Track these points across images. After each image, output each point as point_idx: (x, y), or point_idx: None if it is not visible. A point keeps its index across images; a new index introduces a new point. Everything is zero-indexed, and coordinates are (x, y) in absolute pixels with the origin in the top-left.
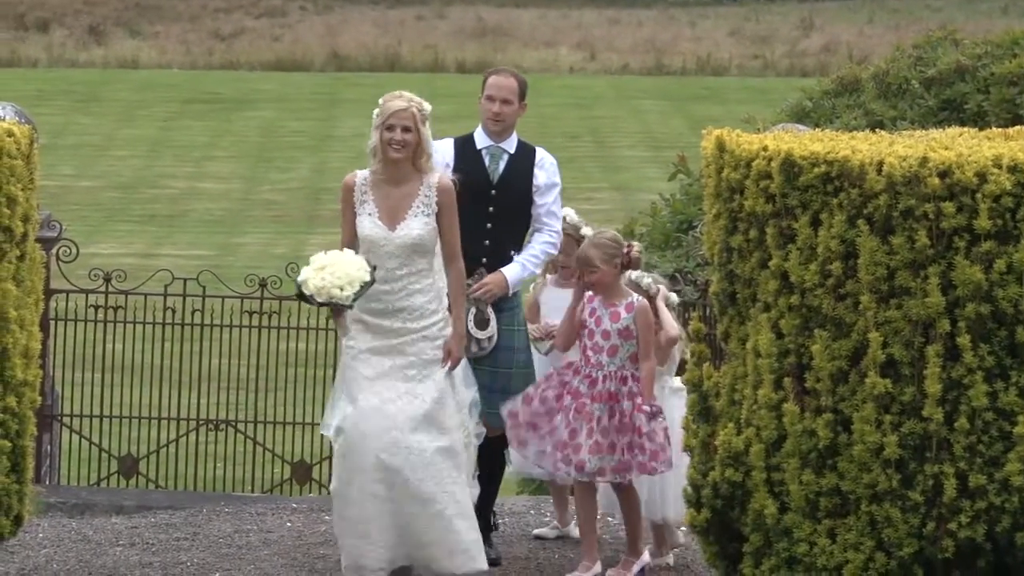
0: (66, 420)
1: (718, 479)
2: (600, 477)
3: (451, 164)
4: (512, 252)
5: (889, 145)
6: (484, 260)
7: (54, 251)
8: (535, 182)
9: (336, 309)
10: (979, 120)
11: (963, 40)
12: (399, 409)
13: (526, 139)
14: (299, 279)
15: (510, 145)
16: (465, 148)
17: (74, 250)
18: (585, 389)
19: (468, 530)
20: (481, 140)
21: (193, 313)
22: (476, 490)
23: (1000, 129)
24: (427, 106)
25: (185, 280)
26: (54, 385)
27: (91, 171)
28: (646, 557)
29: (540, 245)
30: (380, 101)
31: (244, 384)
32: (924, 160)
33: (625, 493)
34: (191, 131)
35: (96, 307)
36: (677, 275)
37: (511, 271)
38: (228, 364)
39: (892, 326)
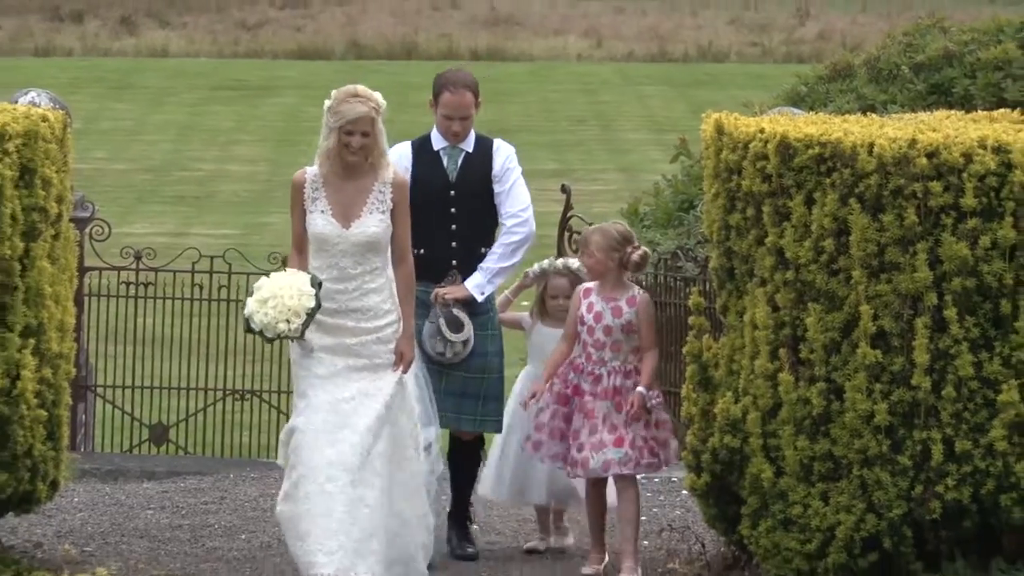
0: (100, 390)
1: (717, 445)
2: (604, 472)
3: (410, 168)
4: (483, 250)
5: (880, 128)
6: (454, 262)
7: (87, 230)
8: (492, 172)
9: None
10: (966, 103)
11: (951, 27)
12: (352, 409)
13: (484, 133)
14: (245, 313)
15: (468, 144)
16: (422, 150)
17: (107, 229)
18: (589, 387)
19: (414, 534)
20: (438, 142)
21: (220, 289)
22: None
23: (985, 112)
24: (383, 102)
25: (212, 258)
26: (88, 357)
27: (123, 155)
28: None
29: (500, 240)
30: (333, 99)
31: (268, 356)
32: (913, 142)
33: (627, 489)
34: (218, 116)
35: (128, 283)
36: (679, 251)
37: (471, 280)
38: (253, 337)
39: (882, 299)
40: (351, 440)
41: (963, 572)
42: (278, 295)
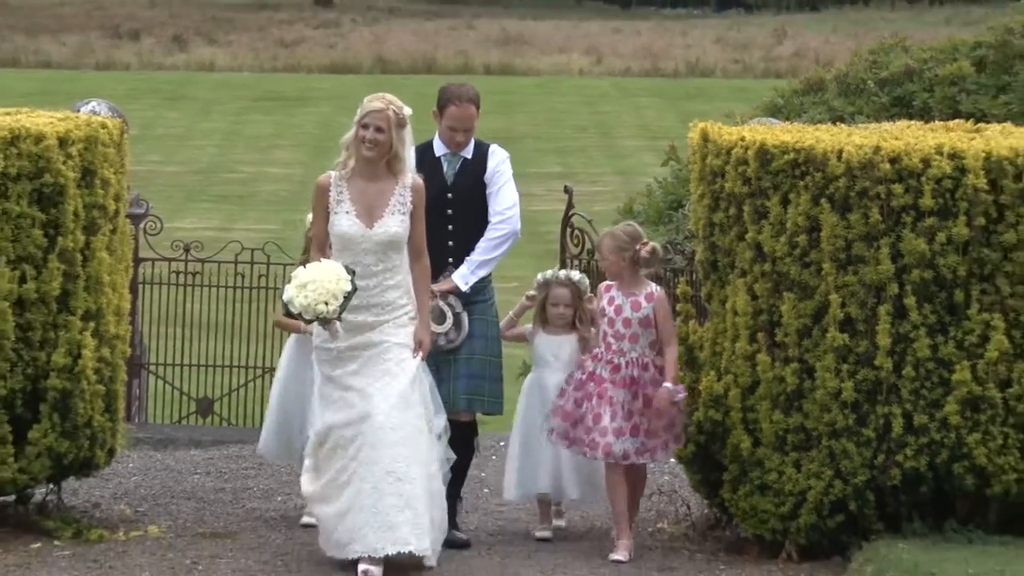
0: (152, 368)
1: (701, 418)
2: (624, 460)
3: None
4: None
5: (848, 136)
6: (451, 260)
7: (142, 225)
8: (486, 177)
9: (325, 321)
10: (924, 115)
11: (912, 47)
12: (377, 391)
13: (484, 139)
14: (285, 298)
15: (467, 151)
16: (425, 156)
17: (159, 224)
18: (608, 375)
19: (429, 509)
20: (440, 149)
21: (259, 278)
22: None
23: (942, 122)
24: (407, 110)
25: (253, 250)
26: (142, 338)
27: (175, 158)
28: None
29: (486, 236)
30: (364, 100)
31: None
32: (877, 148)
33: (639, 473)
34: (259, 124)
35: (177, 273)
36: (668, 246)
37: (457, 272)
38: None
39: (849, 289)
40: (384, 424)
41: (920, 532)
42: (318, 279)
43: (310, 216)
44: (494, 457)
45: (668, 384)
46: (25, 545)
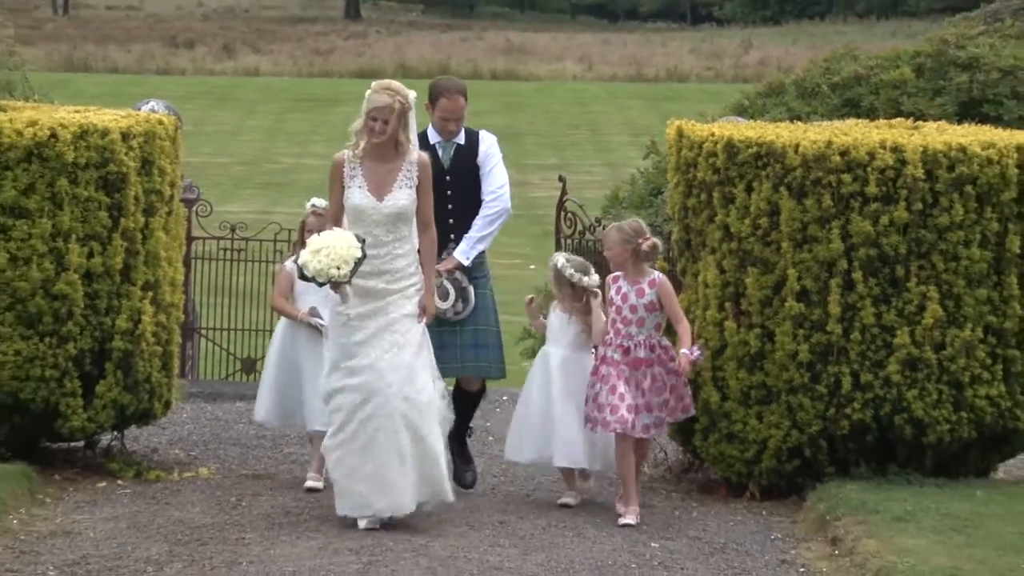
0: (203, 332)
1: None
2: (644, 433)
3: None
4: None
5: (804, 132)
6: (452, 236)
7: (194, 208)
8: (478, 160)
9: (336, 284)
10: (871, 114)
11: (860, 56)
12: (388, 364)
13: (472, 127)
14: (299, 262)
15: (460, 138)
16: (422, 143)
17: (209, 208)
18: (619, 357)
19: (444, 466)
20: (434, 137)
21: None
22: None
23: (886, 120)
24: (411, 96)
25: (290, 230)
26: (194, 306)
27: (224, 151)
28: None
29: (481, 214)
30: (371, 88)
31: None
32: (829, 143)
33: (643, 446)
34: (297, 122)
35: (225, 249)
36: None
37: (458, 250)
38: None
39: (805, 265)
40: (389, 390)
41: (866, 475)
42: (331, 245)
43: (309, 203)
44: (498, 410)
45: (684, 350)
46: (93, 484)
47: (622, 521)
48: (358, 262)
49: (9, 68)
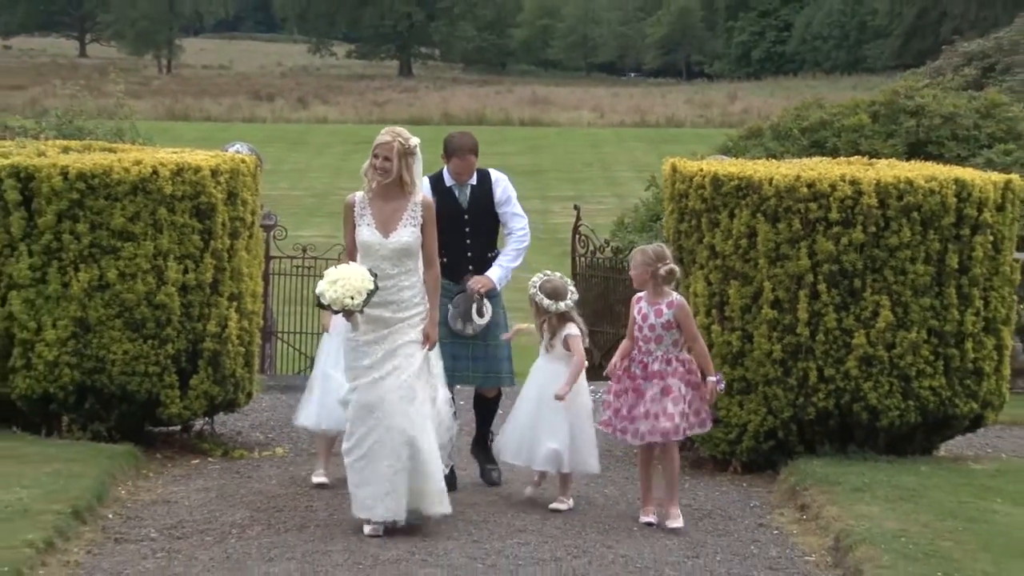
0: (280, 335)
1: None
2: (663, 438)
3: (429, 195)
4: (489, 255)
5: (777, 168)
6: (470, 267)
7: (272, 233)
8: (495, 199)
9: (348, 312)
10: (834, 153)
11: (826, 105)
12: (389, 384)
13: (483, 167)
14: (317, 291)
15: (472, 180)
16: (438, 186)
17: (285, 232)
18: (640, 372)
19: (440, 481)
20: (449, 180)
21: None
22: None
23: (846, 158)
24: (413, 141)
25: None
26: (272, 314)
27: (299, 186)
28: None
29: (511, 245)
30: (379, 135)
31: None
32: (798, 177)
33: (671, 451)
34: (358, 161)
35: (298, 266)
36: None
37: (494, 273)
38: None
39: (778, 278)
40: (391, 406)
41: (829, 453)
42: (346, 277)
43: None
44: (500, 411)
45: (711, 378)
46: (187, 461)
47: (644, 519)
48: (370, 293)
49: (120, 118)
